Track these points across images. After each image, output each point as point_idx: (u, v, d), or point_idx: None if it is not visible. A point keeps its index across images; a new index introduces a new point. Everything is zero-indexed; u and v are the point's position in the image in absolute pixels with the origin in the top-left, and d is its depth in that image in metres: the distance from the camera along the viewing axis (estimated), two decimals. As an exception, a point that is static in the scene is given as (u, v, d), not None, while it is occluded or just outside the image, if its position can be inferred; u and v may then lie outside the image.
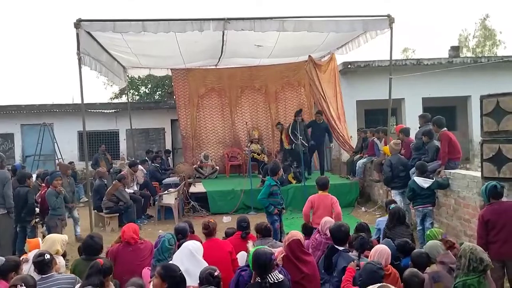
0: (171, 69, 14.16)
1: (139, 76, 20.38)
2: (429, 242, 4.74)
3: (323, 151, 11.93)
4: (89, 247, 4.69)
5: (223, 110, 14.52)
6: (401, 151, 8.74)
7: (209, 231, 5.27)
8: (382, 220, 6.51)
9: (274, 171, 7.30)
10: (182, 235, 5.23)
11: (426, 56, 15.24)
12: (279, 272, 4.09)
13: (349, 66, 14.16)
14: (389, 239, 5.19)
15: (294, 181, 11.25)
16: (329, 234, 5.32)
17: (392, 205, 6.33)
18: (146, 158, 13.54)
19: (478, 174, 6.35)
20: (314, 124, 12.18)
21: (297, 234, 4.81)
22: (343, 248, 4.33)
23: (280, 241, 6.14)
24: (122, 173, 10.73)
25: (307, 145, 11.82)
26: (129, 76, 15.98)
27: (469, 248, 3.80)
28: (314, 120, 12.38)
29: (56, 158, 15.09)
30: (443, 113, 11.08)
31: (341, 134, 12.16)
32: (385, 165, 8.35)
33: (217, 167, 13.77)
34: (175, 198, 10.17)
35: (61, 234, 7.09)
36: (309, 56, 12.09)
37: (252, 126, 14.09)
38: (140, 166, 11.43)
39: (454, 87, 14.33)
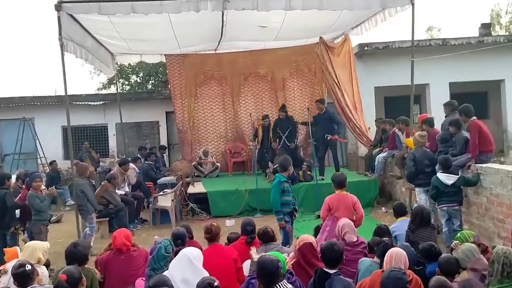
0: (165, 55, 14.18)
1: (129, 64, 20.35)
2: (463, 245, 4.72)
3: (334, 144, 11.67)
4: (72, 256, 4.71)
5: (224, 100, 14.54)
6: (426, 144, 8.71)
7: (211, 235, 5.30)
8: (398, 226, 6.49)
9: (284, 167, 7.24)
10: (181, 241, 5.27)
11: (453, 36, 15.16)
12: (293, 282, 4.09)
13: (366, 48, 14.10)
14: (407, 244, 5.17)
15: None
16: (349, 239, 5.32)
17: (415, 205, 6.31)
18: (139, 155, 13.56)
19: (513, 168, 6.33)
20: (318, 116, 11.83)
21: (309, 237, 4.83)
22: (334, 271, 4.25)
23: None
24: (111, 172, 10.76)
25: (288, 145, 11.75)
26: (118, 63, 15.95)
27: (502, 252, 3.78)
28: (318, 113, 11.97)
29: (38, 156, 15.17)
30: (473, 99, 11.03)
31: (357, 126, 12.14)
32: (407, 159, 8.33)
33: (218, 164, 13.80)
34: (172, 200, 10.20)
35: (45, 240, 7.17)
36: (320, 37, 12.05)
37: (257, 117, 14.06)
38: (131, 165, 11.47)
39: (486, 70, 14.25)
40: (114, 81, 18.05)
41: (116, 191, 10.12)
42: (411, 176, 8.25)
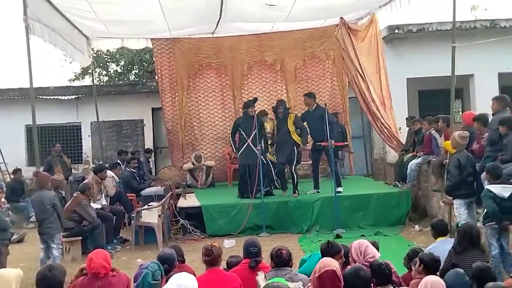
0: (151, 39, 14.21)
1: (108, 50, 20.39)
2: None
3: (330, 151, 11.11)
4: (45, 282, 4.68)
5: (224, 94, 14.59)
6: (472, 146, 8.70)
7: (212, 258, 5.30)
8: (436, 247, 6.45)
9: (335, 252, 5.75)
10: (168, 265, 5.26)
11: (503, 16, 15.09)
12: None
13: (397, 31, 14.09)
14: (461, 271, 5.13)
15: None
16: (371, 256, 5.29)
17: (462, 222, 6.26)
18: (118, 160, 13.59)
19: None
20: (307, 114, 11.69)
21: (332, 263, 4.77)
22: None
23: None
24: (85, 181, 10.78)
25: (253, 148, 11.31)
26: (95, 49, 15.98)
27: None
28: (307, 109, 11.80)
29: (-3, 162, 15.20)
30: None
31: (386, 126, 12.12)
32: (452, 166, 8.25)
33: (212, 162, 13.98)
34: (159, 215, 10.20)
35: (5, 263, 7.18)
36: (341, 18, 12.06)
37: (263, 115, 14.07)
38: (110, 172, 11.48)
39: (544, 58, 14.22)
40: (90, 71, 18.13)
41: (91, 204, 10.12)
42: (454, 185, 8.19)
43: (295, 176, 11.41)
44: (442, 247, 6.33)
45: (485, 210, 7.09)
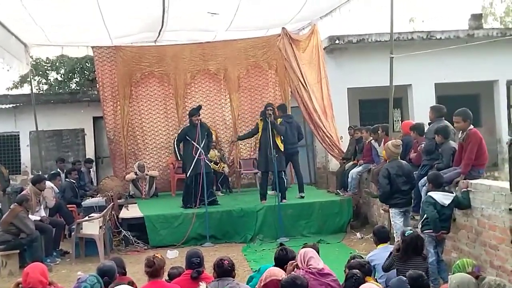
0: (92, 47, 14.03)
1: (47, 58, 19.99)
2: (458, 276, 4.82)
3: (297, 160, 11.96)
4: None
5: (167, 103, 14.52)
6: (410, 155, 8.91)
7: (153, 270, 5.29)
8: (377, 254, 6.60)
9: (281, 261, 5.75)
10: (108, 278, 5.21)
11: (439, 28, 15.63)
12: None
13: (337, 41, 14.36)
14: (403, 278, 5.23)
15: None
16: (314, 266, 5.37)
17: (408, 231, 6.41)
18: (58, 169, 13.32)
19: (507, 185, 6.53)
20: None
21: (279, 273, 4.83)
22: None
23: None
24: (23, 192, 10.52)
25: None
26: (33, 57, 15.64)
27: (495, 284, 3.90)
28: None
29: None
30: (463, 103, 11.30)
31: (327, 135, 12.31)
32: (380, 176, 8.33)
33: (156, 172, 13.96)
34: (100, 227, 10.06)
35: None
36: (283, 28, 12.20)
37: (210, 124, 14.07)
38: (49, 183, 11.24)
39: (477, 69, 14.74)
40: (28, 79, 17.68)
41: (30, 216, 9.87)
42: (385, 195, 8.32)
43: (284, 181, 11.63)
44: (383, 254, 6.49)
45: (424, 217, 7.26)
